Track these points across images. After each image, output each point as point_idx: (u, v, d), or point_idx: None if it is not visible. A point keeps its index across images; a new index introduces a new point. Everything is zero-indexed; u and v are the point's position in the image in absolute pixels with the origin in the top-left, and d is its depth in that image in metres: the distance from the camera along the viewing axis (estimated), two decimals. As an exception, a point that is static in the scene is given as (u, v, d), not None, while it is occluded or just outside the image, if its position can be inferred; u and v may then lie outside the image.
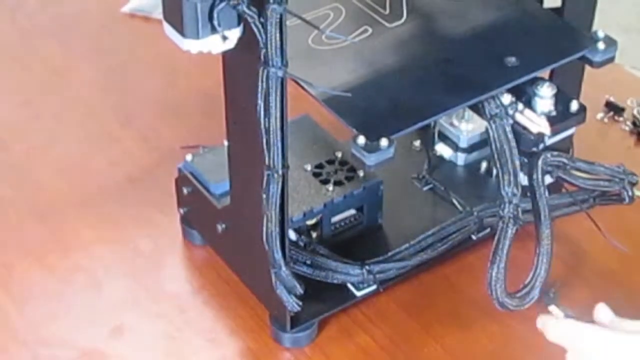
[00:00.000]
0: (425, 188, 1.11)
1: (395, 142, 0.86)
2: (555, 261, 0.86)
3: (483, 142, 1.11)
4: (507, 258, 0.84)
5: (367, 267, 0.99)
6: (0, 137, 1.23)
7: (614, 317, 0.89)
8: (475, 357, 0.98)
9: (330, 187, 1.03)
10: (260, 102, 0.84)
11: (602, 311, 0.89)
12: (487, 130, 0.92)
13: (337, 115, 0.88)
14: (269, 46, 0.82)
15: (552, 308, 0.93)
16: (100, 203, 1.14)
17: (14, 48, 1.37)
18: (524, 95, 0.93)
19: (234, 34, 0.84)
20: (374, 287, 1.01)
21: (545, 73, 0.97)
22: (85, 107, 1.27)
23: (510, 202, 0.87)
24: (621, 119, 1.25)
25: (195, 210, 1.07)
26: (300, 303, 0.95)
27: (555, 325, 0.88)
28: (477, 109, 0.92)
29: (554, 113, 0.94)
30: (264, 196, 0.89)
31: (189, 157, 1.06)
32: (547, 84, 0.94)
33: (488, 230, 1.05)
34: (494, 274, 0.84)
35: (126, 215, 1.13)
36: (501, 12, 1.00)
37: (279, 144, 0.86)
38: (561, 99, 0.94)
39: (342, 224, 1.05)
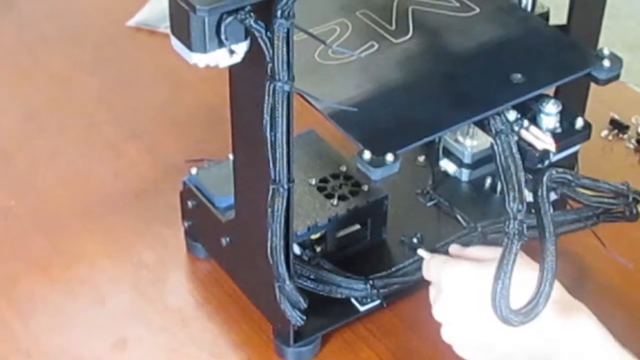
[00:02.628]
0: (430, 203, 1.11)
1: (401, 157, 0.86)
2: (559, 277, 0.86)
3: (487, 158, 1.11)
4: (512, 274, 0.84)
5: (370, 282, 1.00)
6: (4, 149, 1.23)
7: (461, 248, 0.97)
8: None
9: (335, 201, 1.03)
10: (267, 117, 0.85)
11: (452, 247, 0.97)
12: (492, 146, 0.92)
13: (343, 130, 0.88)
14: (275, 60, 0.82)
15: (420, 251, 0.97)
16: (104, 215, 1.15)
17: (20, 60, 1.37)
18: (529, 112, 0.93)
19: (241, 48, 0.84)
20: (377, 302, 1.01)
21: (550, 90, 0.97)
22: (90, 119, 1.27)
23: (515, 218, 0.87)
24: (625, 136, 1.25)
25: (200, 223, 1.07)
26: (304, 317, 0.95)
27: (425, 263, 0.96)
28: (483, 125, 0.92)
29: (559, 130, 0.94)
30: (269, 210, 0.89)
31: (193, 171, 1.06)
32: (552, 100, 0.94)
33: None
34: (498, 290, 0.84)
35: (130, 228, 1.13)
36: (507, 29, 1.00)
37: (285, 158, 0.87)
38: (566, 116, 0.94)
39: (347, 238, 1.05)
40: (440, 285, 0.92)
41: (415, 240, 1.06)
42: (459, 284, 0.91)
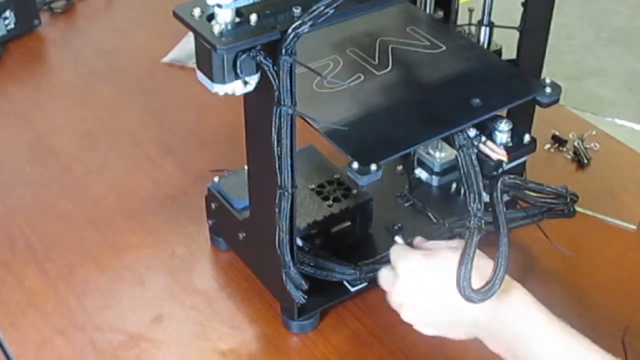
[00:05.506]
0: (407, 204, 1.11)
1: (383, 167, 0.86)
2: (511, 263, 0.86)
3: (453, 167, 1.11)
4: (473, 260, 0.84)
5: (359, 267, 0.99)
6: (64, 162, 1.23)
7: (424, 240, 0.95)
8: (446, 341, 0.97)
9: (330, 202, 1.03)
10: (274, 135, 0.84)
11: (417, 239, 0.95)
12: (456, 157, 0.92)
13: (336, 145, 0.88)
14: (281, 89, 0.82)
15: (397, 238, 0.96)
16: (144, 215, 1.14)
17: (76, 91, 1.37)
18: (486, 130, 0.93)
19: (253, 80, 0.84)
20: (365, 284, 1.01)
21: (503, 112, 0.97)
22: (132, 138, 1.27)
23: (475, 216, 0.87)
24: (564, 149, 1.25)
25: (221, 221, 1.07)
26: (306, 297, 0.95)
27: (392, 250, 0.93)
28: (449, 141, 0.92)
29: (510, 144, 0.94)
30: (277, 210, 0.89)
31: (216, 179, 1.06)
32: (505, 120, 0.94)
33: (457, 238, 1.04)
34: (462, 274, 0.84)
35: (165, 226, 1.13)
36: (468, 62, 1.00)
37: (289, 168, 0.86)
38: (516, 133, 0.94)
39: (340, 233, 1.04)
40: (397, 272, 0.91)
41: (395, 228, 1.05)
42: (412, 271, 0.89)
